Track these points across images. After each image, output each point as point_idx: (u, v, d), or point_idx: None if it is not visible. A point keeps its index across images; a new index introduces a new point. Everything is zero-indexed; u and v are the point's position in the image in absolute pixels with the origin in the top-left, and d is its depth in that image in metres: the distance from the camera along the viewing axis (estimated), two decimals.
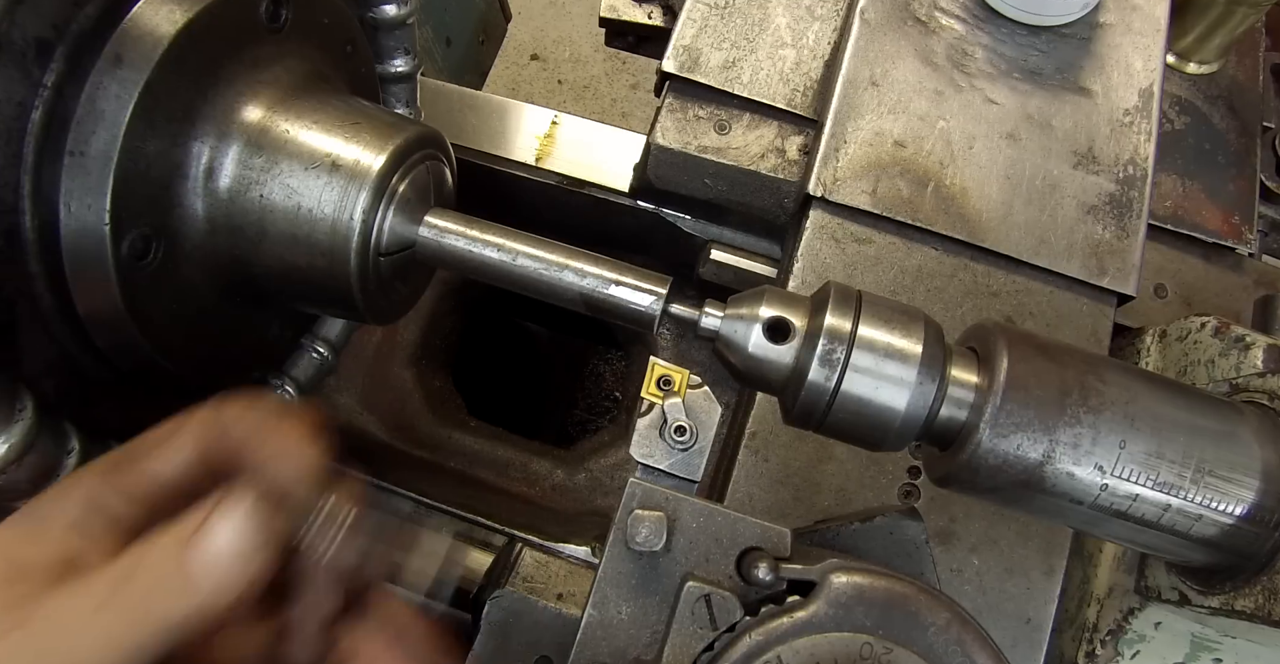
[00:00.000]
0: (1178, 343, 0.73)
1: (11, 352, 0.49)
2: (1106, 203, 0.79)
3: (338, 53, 0.68)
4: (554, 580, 0.88)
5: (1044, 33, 0.85)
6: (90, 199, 0.50)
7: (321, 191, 0.56)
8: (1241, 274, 0.91)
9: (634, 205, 0.97)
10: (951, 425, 0.48)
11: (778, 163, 0.84)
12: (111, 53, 0.50)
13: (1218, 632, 0.63)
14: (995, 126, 0.81)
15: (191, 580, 0.41)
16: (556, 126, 1.03)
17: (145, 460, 0.48)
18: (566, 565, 0.89)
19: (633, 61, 2.78)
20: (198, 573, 0.42)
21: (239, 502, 0.43)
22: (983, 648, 0.43)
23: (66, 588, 0.42)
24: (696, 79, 0.85)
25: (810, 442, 0.72)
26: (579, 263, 0.57)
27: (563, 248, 0.58)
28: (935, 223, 0.77)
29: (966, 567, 0.70)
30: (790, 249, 0.80)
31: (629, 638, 0.46)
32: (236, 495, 0.43)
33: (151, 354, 0.57)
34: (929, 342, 0.48)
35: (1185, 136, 0.96)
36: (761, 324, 0.50)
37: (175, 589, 0.41)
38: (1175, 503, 0.47)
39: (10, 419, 0.47)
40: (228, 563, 0.42)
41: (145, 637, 0.41)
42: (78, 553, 0.44)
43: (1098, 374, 0.48)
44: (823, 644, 0.42)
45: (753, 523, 0.47)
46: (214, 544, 0.42)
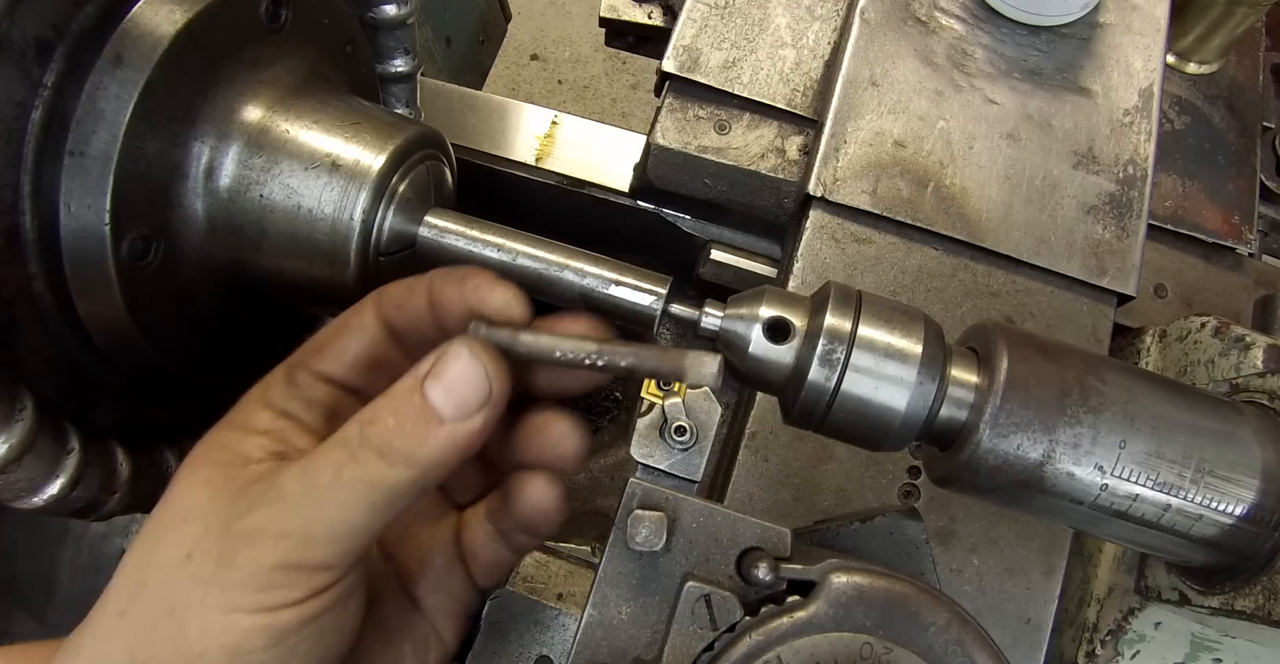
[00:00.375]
0: (1178, 343, 0.73)
1: (11, 351, 0.49)
2: (1106, 203, 0.79)
3: (338, 53, 0.68)
4: (554, 580, 0.88)
5: (1044, 33, 0.85)
6: (90, 199, 0.50)
7: (321, 191, 0.56)
8: (1241, 274, 0.91)
9: (634, 205, 0.97)
10: (951, 425, 0.48)
11: (778, 163, 0.84)
12: (111, 53, 0.50)
13: (1218, 632, 0.63)
14: (995, 126, 0.81)
15: (434, 414, 0.42)
16: (556, 126, 1.03)
17: (332, 344, 0.49)
18: (566, 565, 0.89)
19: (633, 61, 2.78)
20: (439, 402, 0.42)
21: (462, 339, 0.44)
22: (983, 648, 0.43)
23: (297, 465, 0.43)
24: (696, 79, 0.85)
25: (810, 442, 0.72)
26: (579, 263, 0.57)
27: (563, 248, 0.58)
28: (935, 223, 0.77)
29: (966, 567, 0.70)
30: (790, 249, 0.80)
31: (629, 638, 0.46)
32: (458, 337, 0.45)
33: (151, 354, 0.57)
34: (929, 342, 0.48)
35: (1185, 136, 0.96)
36: (761, 324, 0.50)
37: (416, 433, 0.42)
38: (1175, 503, 0.47)
39: (10, 419, 0.47)
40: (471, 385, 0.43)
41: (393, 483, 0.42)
42: (286, 436, 0.46)
43: (1098, 374, 0.48)
44: (823, 644, 0.42)
45: (753, 523, 0.47)
46: (453, 370, 0.43)
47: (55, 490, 0.50)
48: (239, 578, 0.40)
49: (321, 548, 0.41)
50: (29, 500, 0.50)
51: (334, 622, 0.43)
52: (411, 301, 0.49)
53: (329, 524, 0.41)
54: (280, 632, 0.41)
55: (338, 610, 0.43)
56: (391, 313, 0.49)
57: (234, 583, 0.40)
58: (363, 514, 0.42)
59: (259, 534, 0.41)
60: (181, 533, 0.42)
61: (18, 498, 0.49)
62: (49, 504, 0.50)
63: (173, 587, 0.41)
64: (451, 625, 0.52)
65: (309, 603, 0.41)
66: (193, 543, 0.42)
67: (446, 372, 0.43)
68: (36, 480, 0.49)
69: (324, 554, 0.41)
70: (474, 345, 0.44)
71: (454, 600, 0.53)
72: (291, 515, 0.41)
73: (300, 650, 0.42)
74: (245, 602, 0.40)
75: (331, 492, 0.42)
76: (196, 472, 0.45)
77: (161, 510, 0.44)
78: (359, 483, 0.42)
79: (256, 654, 0.41)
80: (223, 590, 0.40)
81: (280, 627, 0.41)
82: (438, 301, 0.48)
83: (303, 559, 0.41)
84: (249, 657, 0.40)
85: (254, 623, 0.40)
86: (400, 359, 0.50)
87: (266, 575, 0.41)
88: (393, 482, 0.42)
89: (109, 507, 0.54)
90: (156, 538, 0.43)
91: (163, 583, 0.42)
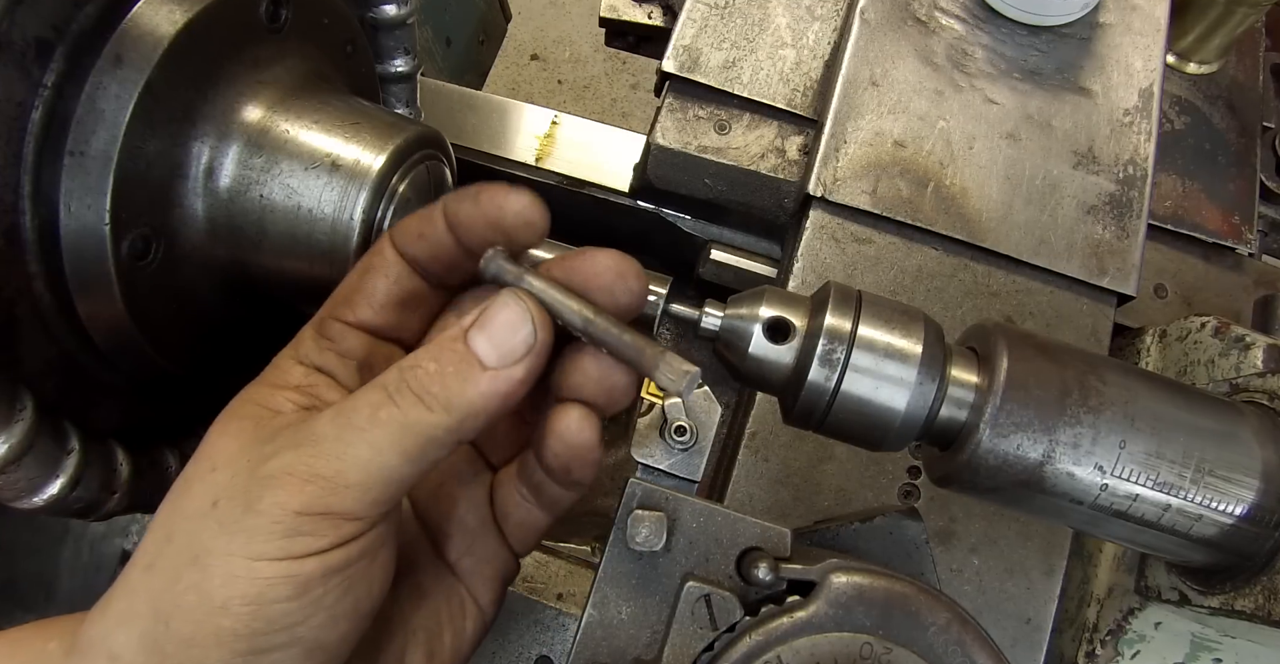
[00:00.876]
0: (1178, 343, 0.73)
1: (11, 351, 0.49)
2: (1106, 203, 0.79)
3: (338, 53, 0.68)
4: (554, 580, 0.88)
5: (1044, 33, 0.85)
6: (90, 199, 0.50)
7: (321, 191, 0.56)
8: (1241, 274, 0.91)
9: (634, 205, 0.97)
10: (951, 425, 0.48)
11: (778, 163, 0.84)
12: (111, 53, 0.50)
13: (1218, 632, 0.63)
14: (995, 126, 0.81)
15: (476, 361, 0.41)
16: (556, 126, 1.03)
17: (359, 289, 0.48)
18: (566, 565, 0.89)
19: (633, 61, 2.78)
20: (483, 350, 0.42)
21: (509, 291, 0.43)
22: (983, 648, 0.43)
23: (331, 409, 0.42)
24: (696, 79, 0.85)
25: (810, 442, 0.72)
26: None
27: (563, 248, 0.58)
28: (935, 223, 0.77)
29: (966, 567, 0.70)
30: (790, 249, 0.80)
31: (629, 638, 0.46)
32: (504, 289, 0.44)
33: (151, 354, 0.57)
34: (929, 342, 0.48)
35: (1185, 136, 0.96)
36: (761, 324, 0.50)
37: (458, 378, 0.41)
38: (1175, 503, 0.47)
39: (10, 419, 0.47)
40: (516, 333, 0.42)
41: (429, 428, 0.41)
42: (317, 391, 0.45)
43: (1098, 374, 0.48)
44: (823, 644, 0.42)
45: (753, 523, 0.47)
46: (498, 319, 0.42)
47: (55, 490, 0.50)
48: (263, 523, 0.39)
49: (351, 493, 0.40)
50: (29, 500, 0.50)
51: (362, 574, 0.41)
52: (429, 230, 0.46)
53: (360, 468, 0.40)
54: (305, 582, 0.39)
55: (366, 563, 0.41)
56: (411, 245, 0.47)
57: (258, 529, 0.39)
58: (396, 459, 0.40)
59: (285, 477, 0.39)
60: (209, 482, 0.41)
61: (18, 498, 0.49)
62: (49, 504, 0.50)
63: (197, 535, 0.40)
64: (487, 590, 0.51)
65: (335, 552, 0.40)
66: (219, 490, 0.40)
67: (492, 321, 0.42)
68: (36, 480, 0.49)
69: (353, 500, 0.40)
70: (521, 295, 0.43)
71: (489, 564, 0.51)
72: (321, 458, 0.40)
73: (326, 602, 0.40)
74: (269, 549, 0.39)
75: (366, 433, 0.40)
76: (226, 425, 0.43)
77: (190, 466, 0.43)
78: (394, 426, 0.40)
79: (280, 605, 0.39)
80: (247, 537, 0.39)
81: (305, 576, 0.39)
82: (456, 223, 0.46)
83: (330, 505, 0.39)
84: (272, 607, 0.39)
85: (277, 571, 0.39)
86: (430, 294, 0.49)
87: (292, 520, 0.39)
88: (429, 427, 0.41)
89: (109, 507, 0.54)
90: (184, 491, 0.42)
91: (188, 533, 0.40)
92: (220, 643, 0.38)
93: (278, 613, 0.39)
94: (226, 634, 0.38)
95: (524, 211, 0.45)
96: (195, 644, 0.38)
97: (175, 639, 0.39)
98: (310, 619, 0.40)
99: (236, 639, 0.38)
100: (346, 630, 0.42)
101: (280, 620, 0.39)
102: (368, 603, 0.42)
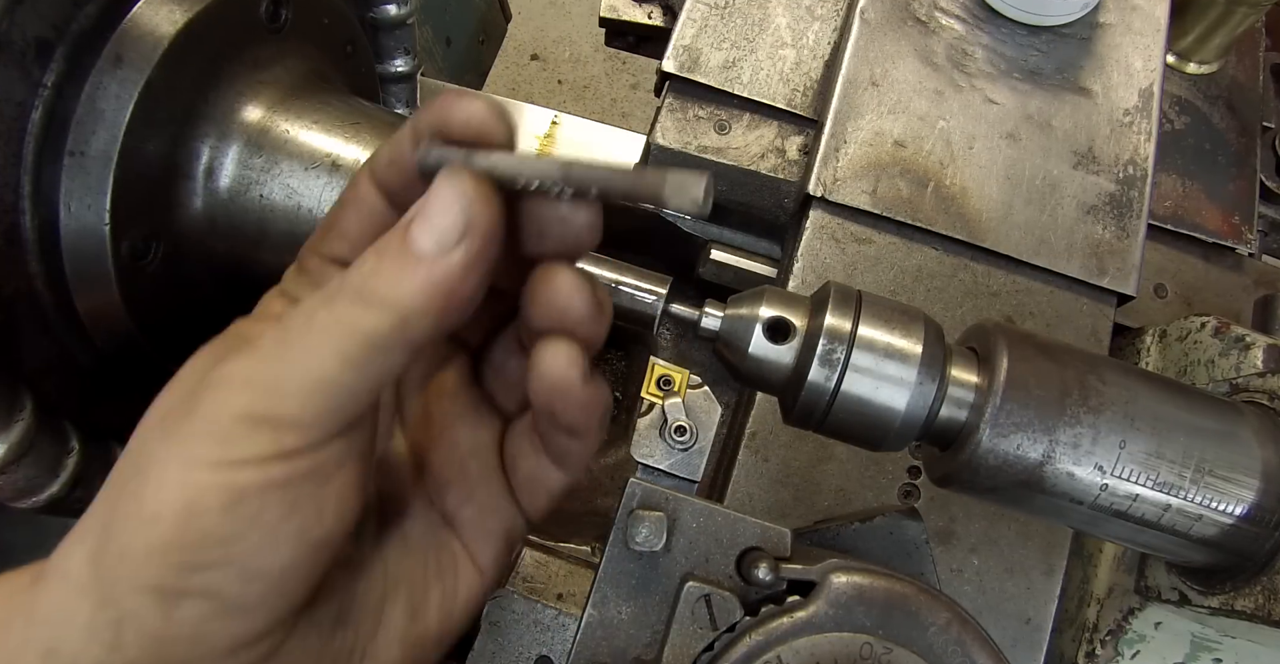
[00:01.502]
0: (1178, 343, 0.73)
1: (11, 352, 0.49)
2: (1106, 203, 0.79)
3: (338, 53, 0.68)
4: (554, 580, 0.88)
5: (1044, 33, 0.85)
6: (90, 199, 0.50)
7: (321, 191, 0.56)
8: (1241, 274, 0.92)
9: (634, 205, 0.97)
10: (951, 425, 0.48)
11: (778, 163, 0.84)
12: (111, 53, 0.50)
13: (1218, 632, 0.63)
14: (995, 126, 0.81)
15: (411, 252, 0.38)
16: (556, 126, 1.03)
17: (335, 224, 0.46)
18: (566, 565, 0.89)
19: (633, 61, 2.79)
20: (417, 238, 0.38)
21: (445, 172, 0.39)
22: (983, 648, 0.43)
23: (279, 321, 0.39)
24: (696, 79, 0.85)
25: (810, 442, 0.72)
26: (578, 262, 0.57)
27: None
28: (935, 223, 0.77)
29: (966, 567, 0.70)
30: (790, 249, 0.80)
31: (629, 638, 0.46)
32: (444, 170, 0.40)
33: (151, 354, 0.57)
34: (929, 342, 0.48)
35: (1185, 136, 0.97)
36: (761, 324, 0.50)
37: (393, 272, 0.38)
38: (1175, 503, 0.47)
39: (10, 419, 0.47)
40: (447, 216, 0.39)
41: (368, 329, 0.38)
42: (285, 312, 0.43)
43: (1098, 374, 0.48)
44: (823, 644, 0.42)
45: (753, 523, 0.47)
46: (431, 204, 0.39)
47: (55, 490, 0.50)
48: (199, 428, 0.37)
49: (289, 400, 0.37)
50: (29, 500, 0.50)
51: (309, 496, 0.38)
52: (398, 154, 0.44)
53: (299, 373, 0.37)
54: (239, 492, 0.36)
55: (313, 484, 0.38)
56: (384, 173, 0.45)
57: (193, 433, 0.37)
58: (335, 364, 0.37)
59: (224, 382, 0.38)
60: (164, 397, 0.40)
61: (18, 498, 0.49)
62: (49, 504, 0.50)
63: (145, 445, 0.38)
64: (487, 548, 0.47)
65: (274, 464, 0.37)
66: (171, 402, 0.39)
67: (428, 206, 0.39)
68: (36, 480, 0.49)
69: (292, 407, 0.37)
70: (461, 173, 0.39)
71: (491, 516, 0.47)
72: (260, 363, 0.38)
73: (264, 520, 0.37)
74: (203, 452, 0.36)
75: (304, 337, 0.38)
76: (200, 350, 0.42)
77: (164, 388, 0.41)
78: (332, 328, 0.38)
79: (213, 516, 0.36)
80: (182, 443, 0.37)
81: (240, 486, 0.36)
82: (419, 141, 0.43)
83: (268, 410, 0.37)
84: (204, 518, 0.36)
85: (211, 480, 0.36)
86: None
87: (227, 425, 0.37)
88: (368, 327, 0.38)
89: None
90: (149, 410, 0.40)
91: (139, 444, 0.39)
92: (151, 554, 0.36)
93: (210, 525, 0.36)
94: (157, 544, 0.36)
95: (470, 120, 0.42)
96: (128, 556, 0.36)
97: (114, 551, 0.37)
98: (246, 537, 0.37)
99: (167, 550, 0.36)
100: (291, 558, 0.38)
101: (213, 533, 0.36)
102: (317, 531, 0.39)
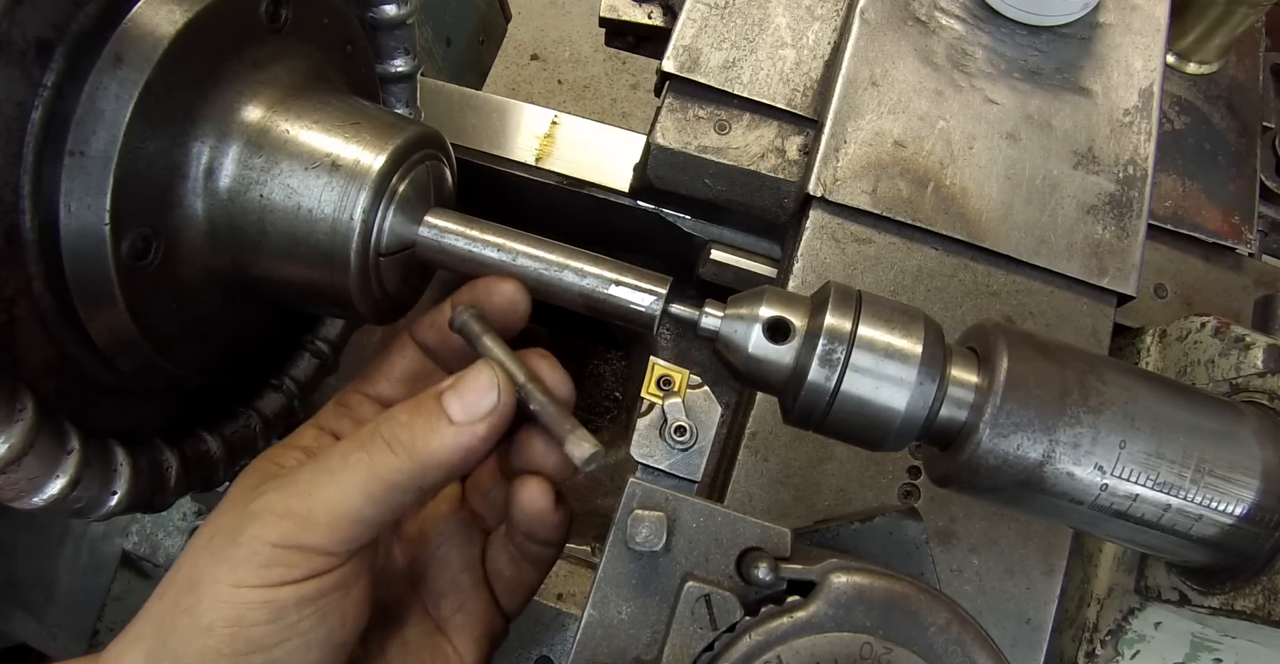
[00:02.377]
0: (1178, 343, 0.73)
1: (11, 352, 0.49)
2: (1106, 203, 0.79)
3: (338, 53, 0.68)
4: (554, 580, 0.88)
5: (1044, 33, 0.85)
6: (90, 199, 0.50)
7: (321, 191, 0.56)
8: (1241, 274, 0.92)
9: (634, 205, 0.97)
10: (951, 425, 0.48)
11: (778, 163, 0.84)
12: (111, 53, 0.50)
13: (1218, 632, 0.63)
14: (995, 126, 0.81)
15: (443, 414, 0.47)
16: (556, 126, 1.03)
17: (378, 367, 0.57)
18: (566, 565, 0.89)
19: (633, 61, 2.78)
20: (450, 405, 0.47)
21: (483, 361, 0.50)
22: (983, 648, 0.43)
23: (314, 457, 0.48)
24: (696, 79, 0.85)
25: (810, 442, 0.72)
26: (579, 263, 0.57)
27: (563, 248, 0.58)
28: (935, 223, 0.77)
29: (966, 567, 0.70)
30: (790, 249, 0.80)
31: (629, 638, 0.46)
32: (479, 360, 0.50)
33: (151, 354, 0.57)
34: (929, 342, 0.48)
35: (1185, 136, 0.97)
36: (761, 324, 0.50)
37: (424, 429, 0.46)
38: (1175, 503, 0.47)
39: (10, 419, 0.46)
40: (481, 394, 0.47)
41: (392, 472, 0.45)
42: (322, 447, 0.52)
43: (1098, 374, 0.48)
44: (823, 644, 0.42)
45: (753, 523, 0.47)
46: (468, 381, 0.48)
47: (55, 490, 0.50)
48: (243, 554, 0.44)
49: (321, 530, 0.44)
50: (29, 500, 0.50)
51: (335, 606, 0.45)
52: (439, 319, 0.54)
53: (329, 507, 0.44)
54: (280, 607, 0.43)
55: (338, 596, 0.46)
56: (424, 333, 0.56)
57: (239, 559, 0.44)
58: (360, 500, 0.45)
59: (265, 513, 0.44)
60: (214, 521, 0.47)
61: (18, 498, 0.49)
62: (49, 504, 0.50)
63: (195, 565, 0.45)
64: (474, 649, 0.55)
65: (308, 583, 0.44)
66: (216, 526, 0.46)
67: (464, 383, 0.48)
68: (36, 480, 0.49)
69: (322, 536, 0.44)
70: (493, 365, 0.49)
71: (478, 621, 0.55)
72: (295, 497, 0.45)
73: (301, 628, 0.44)
74: (248, 577, 0.43)
75: (335, 475, 0.45)
76: (241, 478, 0.50)
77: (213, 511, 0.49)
78: (361, 469, 0.45)
79: (258, 628, 0.43)
80: (231, 566, 0.44)
81: (280, 602, 0.43)
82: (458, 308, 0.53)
83: (301, 540, 0.44)
84: (251, 630, 0.43)
85: (255, 597, 0.43)
86: (437, 373, 0.56)
87: (268, 552, 0.43)
88: (392, 471, 0.45)
89: (109, 507, 0.54)
90: (199, 531, 0.48)
91: (190, 563, 0.45)
92: (204, 658, 0.43)
93: (256, 635, 0.43)
94: (210, 652, 0.43)
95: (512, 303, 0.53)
96: (184, 660, 0.43)
97: (170, 656, 0.43)
98: (286, 643, 0.44)
99: (219, 658, 0.43)
100: (320, 659, 0.46)
101: (259, 641, 0.43)
102: (341, 634, 0.46)
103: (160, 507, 0.59)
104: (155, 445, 0.60)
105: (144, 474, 0.57)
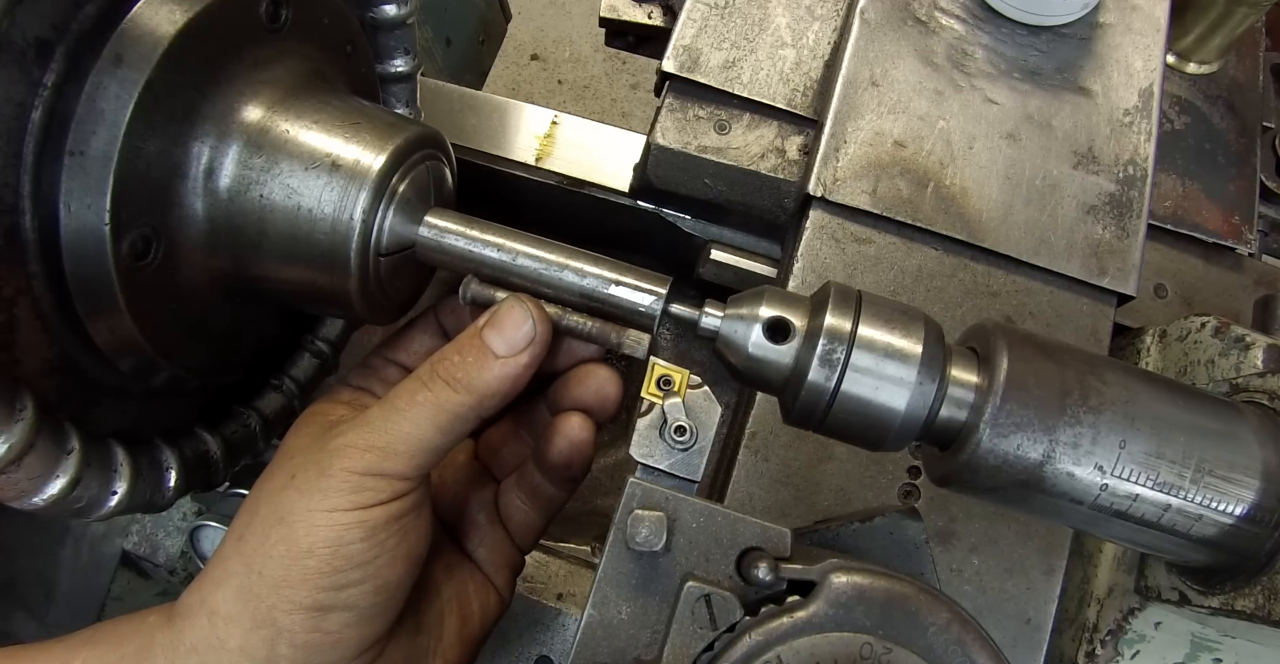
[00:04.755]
0: (1178, 343, 0.73)
1: (11, 352, 0.49)
2: (1106, 203, 0.79)
3: (338, 53, 0.68)
4: (554, 580, 0.88)
5: (1044, 33, 0.85)
6: (90, 199, 0.50)
7: (321, 191, 0.56)
8: (1241, 274, 0.92)
9: (634, 205, 0.97)
10: (951, 425, 0.48)
11: (778, 163, 0.84)
12: (111, 53, 0.50)
13: (1218, 632, 0.63)
14: (995, 126, 0.81)
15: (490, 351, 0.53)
16: (556, 126, 1.03)
17: (401, 338, 0.64)
18: (566, 565, 0.89)
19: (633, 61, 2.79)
20: (494, 342, 0.53)
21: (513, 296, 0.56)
22: (983, 648, 0.43)
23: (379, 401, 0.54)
24: (696, 79, 0.85)
25: (810, 442, 0.72)
26: (579, 263, 0.57)
27: (563, 248, 0.58)
28: (935, 223, 0.77)
29: (966, 567, 0.70)
30: (790, 249, 0.80)
31: (629, 638, 0.46)
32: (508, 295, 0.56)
33: (151, 354, 0.57)
34: (929, 342, 0.48)
35: (1185, 136, 0.97)
36: (761, 324, 0.50)
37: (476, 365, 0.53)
38: (1175, 503, 0.47)
39: (10, 419, 0.46)
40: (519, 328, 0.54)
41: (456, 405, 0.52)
42: (363, 401, 0.59)
43: (1098, 374, 0.48)
44: (823, 644, 0.42)
45: (753, 523, 0.47)
46: (505, 318, 0.54)
47: (55, 490, 0.50)
48: (335, 484, 0.50)
49: (400, 459, 0.51)
50: (29, 500, 0.50)
51: (413, 524, 0.52)
52: (460, 311, 0.63)
53: (405, 439, 0.51)
54: (373, 526, 0.50)
55: (414, 516, 0.52)
56: (447, 317, 0.64)
57: (331, 488, 0.50)
58: (431, 431, 0.51)
59: (348, 449, 0.51)
60: (286, 466, 0.52)
61: (18, 498, 0.49)
62: (49, 504, 0.50)
63: (281, 502, 0.51)
64: (501, 575, 0.63)
65: (394, 503, 0.51)
66: (295, 468, 0.52)
67: (501, 320, 0.54)
68: (37, 480, 0.49)
69: (402, 464, 0.51)
70: (522, 298, 0.55)
71: (499, 553, 0.63)
72: (375, 433, 0.51)
73: (389, 544, 0.51)
74: (342, 502, 0.49)
75: (407, 413, 0.52)
76: (296, 429, 0.56)
77: (271, 462, 0.54)
78: (429, 405, 0.52)
79: (355, 545, 0.49)
80: (323, 495, 0.50)
81: (372, 522, 0.50)
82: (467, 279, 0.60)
83: (384, 468, 0.50)
84: (349, 548, 0.49)
85: (351, 519, 0.49)
86: None
87: (357, 480, 0.50)
88: (456, 404, 0.52)
89: (109, 507, 0.54)
90: (267, 476, 0.53)
91: (272, 503, 0.51)
92: (307, 580, 0.49)
93: (354, 552, 0.49)
94: (312, 572, 0.49)
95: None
96: (286, 584, 0.49)
97: (268, 583, 0.49)
98: (378, 558, 0.50)
99: (321, 576, 0.49)
100: (404, 571, 0.52)
101: (355, 557, 0.49)
102: (419, 548, 0.53)
103: (160, 507, 0.59)
104: (155, 445, 0.60)
105: (144, 474, 0.57)
